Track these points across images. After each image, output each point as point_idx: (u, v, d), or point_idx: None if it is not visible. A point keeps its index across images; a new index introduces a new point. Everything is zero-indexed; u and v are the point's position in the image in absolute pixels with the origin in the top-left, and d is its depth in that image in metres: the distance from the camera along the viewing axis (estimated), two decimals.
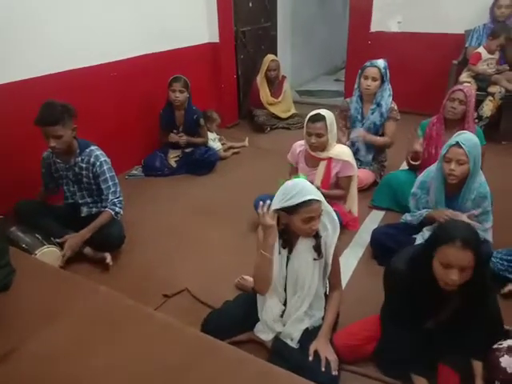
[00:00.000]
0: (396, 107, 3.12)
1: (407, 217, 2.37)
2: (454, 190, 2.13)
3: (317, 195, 1.59)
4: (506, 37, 3.70)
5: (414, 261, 1.60)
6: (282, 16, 5.57)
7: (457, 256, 1.40)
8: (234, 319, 1.73)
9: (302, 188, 1.58)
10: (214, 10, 4.18)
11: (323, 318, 1.75)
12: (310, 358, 1.61)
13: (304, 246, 1.68)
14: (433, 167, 2.24)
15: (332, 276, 1.75)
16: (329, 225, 1.69)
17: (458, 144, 2.02)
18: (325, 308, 1.77)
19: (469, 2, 4.25)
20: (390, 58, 3.17)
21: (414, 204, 2.34)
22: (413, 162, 2.79)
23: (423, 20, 4.60)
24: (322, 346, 1.64)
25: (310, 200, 1.56)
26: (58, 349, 1.27)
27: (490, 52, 3.81)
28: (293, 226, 1.63)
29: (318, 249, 1.67)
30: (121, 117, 3.48)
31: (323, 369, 1.57)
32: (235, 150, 4.08)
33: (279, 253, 1.70)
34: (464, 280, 1.43)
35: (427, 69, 4.62)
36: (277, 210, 1.62)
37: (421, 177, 2.33)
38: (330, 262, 1.69)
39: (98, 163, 2.38)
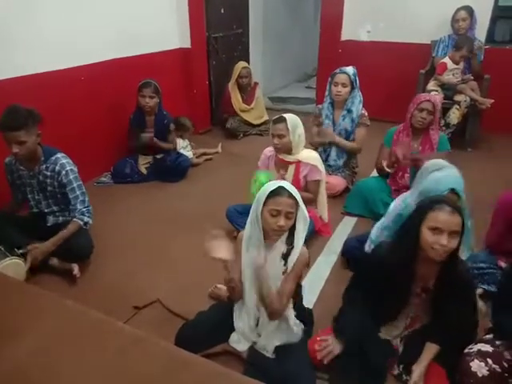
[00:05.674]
0: (366, 113, 3.17)
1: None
2: None
3: (291, 189, 1.56)
4: (467, 49, 3.87)
5: (399, 234, 1.62)
6: (254, 23, 5.59)
7: (447, 219, 1.43)
8: (209, 330, 1.68)
9: (279, 181, 1.59)
10: (186, 16, 4.15)
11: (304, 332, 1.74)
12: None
13: (276, 254, 1.64)
14: (409, 199, 1.99)
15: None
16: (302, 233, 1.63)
17: (453, 191, 1.81)
18: (303, 321, 1.74)
19: (434, 13, 4.40)
20: (360, 67, 3.23)
21: (387, 236, 2.06)
22: (388, 170, 2.79)
23: (391, 30, 4.73)
24: None
25: (279, 190, 1.54)
26: (21, 367, 1.20)
27: (455, 62, 3.96)
28: (264, 222, 1.58)
29: (285, 257, 1.63)
30: (89, 122, 3.38)
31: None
32: (208, 157, 4.05)
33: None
34: (452, 248, 1.46)
35: (396, 77, 4.74)
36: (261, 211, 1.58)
37: (396, 209, 2.09)
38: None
39: (63, 172, 2.29)
